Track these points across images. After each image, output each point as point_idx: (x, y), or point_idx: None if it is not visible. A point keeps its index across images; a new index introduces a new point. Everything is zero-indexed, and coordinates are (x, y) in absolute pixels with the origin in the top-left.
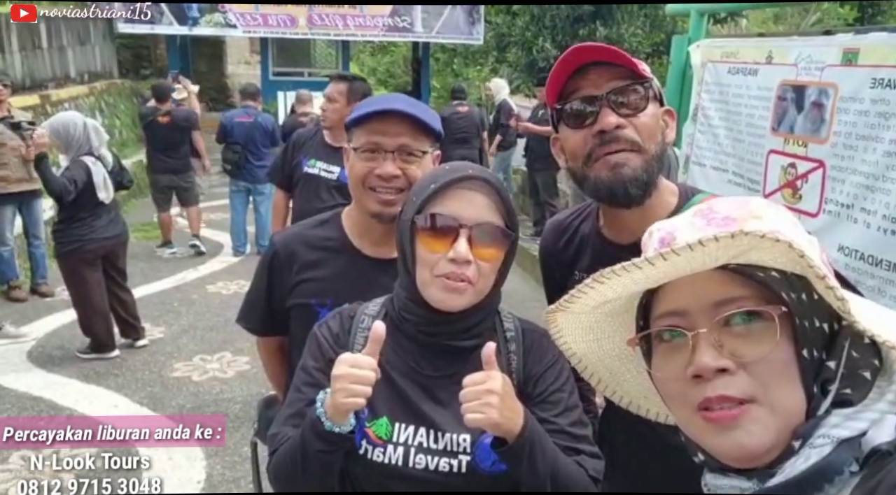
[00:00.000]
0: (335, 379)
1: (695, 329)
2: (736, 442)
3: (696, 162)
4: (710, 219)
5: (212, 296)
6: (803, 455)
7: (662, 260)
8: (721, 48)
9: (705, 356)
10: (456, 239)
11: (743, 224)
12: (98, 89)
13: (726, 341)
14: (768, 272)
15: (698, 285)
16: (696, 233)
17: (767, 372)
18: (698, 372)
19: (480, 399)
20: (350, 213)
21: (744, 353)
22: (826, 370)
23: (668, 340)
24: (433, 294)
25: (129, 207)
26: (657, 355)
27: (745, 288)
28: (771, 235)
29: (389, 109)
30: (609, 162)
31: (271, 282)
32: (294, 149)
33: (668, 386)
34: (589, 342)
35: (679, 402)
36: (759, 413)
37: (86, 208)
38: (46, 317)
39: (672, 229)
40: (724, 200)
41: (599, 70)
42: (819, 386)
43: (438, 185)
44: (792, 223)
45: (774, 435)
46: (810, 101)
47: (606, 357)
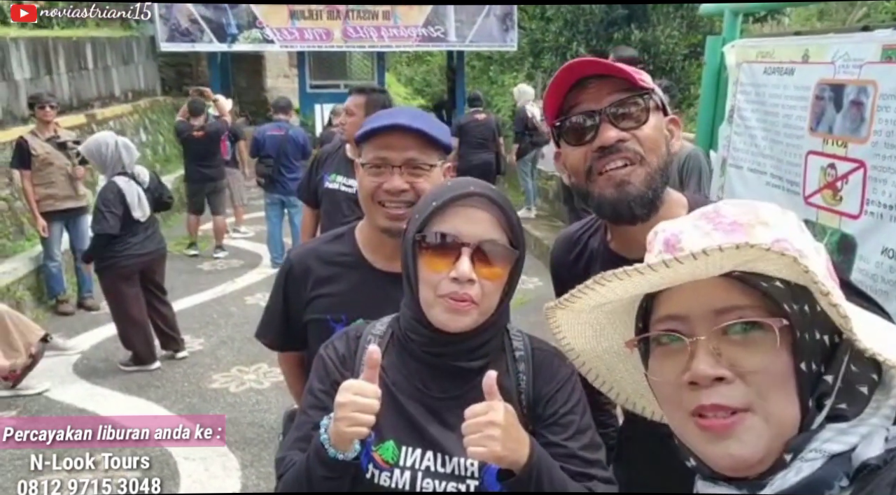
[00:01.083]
0: (338, 407)
1: (694, 335)
2: (727, 451)
3: (732, 164)
4: (716, 224)
5: (250, 307)
6: (794, 468)
7: (665, 267)
8: (756, 48)
9: (703, 364)
10: (458, 258)
11: (749, 230)
12: (142, 107)
13: (725, 349)
14: (772, 282)
15: (700, 291)
16: (701, 237)
17: (764, 383)
18: (695, 380)
19: (482, 431)
20: (363, 228)
21: (742, 363)
22: (823, 384)
23: (666, 344)
24: (437, 315)
25: (173, 221)
26: (654, 358)
27: (747, 297)
28: (777, 248)
29: (395, 124)
30: (612, 179)
31: (287, 298)
32: (318, 165)
33: (663, 389)
34: (588, 338)
35: (673, 406)
36: (753, 423)
37: (122, 227)
38: (92, 329)
39: (677, 231)
40: (731, 204)
41: (598, 84)
42: (815, 400)
43: (440, 203)
44: (799, 230)
45: (767, 446)
46: (849, 99)
47: (605, 353)
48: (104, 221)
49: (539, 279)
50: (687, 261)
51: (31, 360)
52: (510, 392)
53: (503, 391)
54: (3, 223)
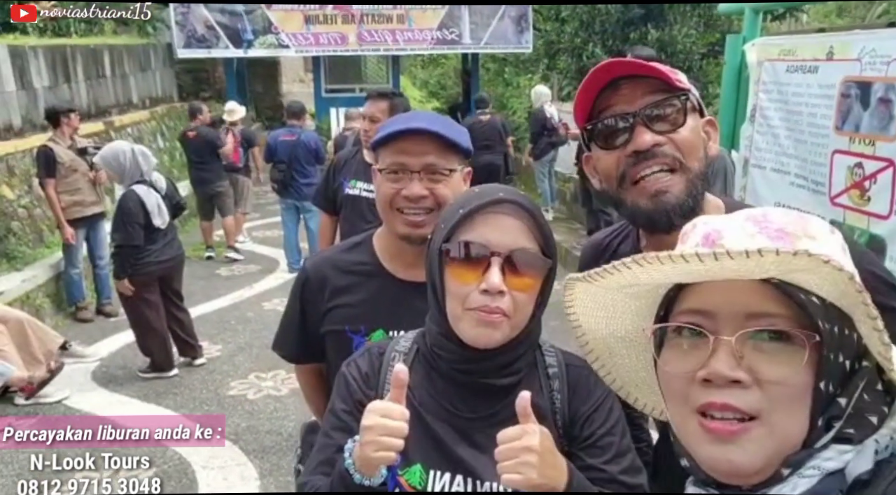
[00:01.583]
0: (365, 431)
1: (718, 333)
2: (727, 456)
3: (755, 165)
4: (762, 227)
5: (267, 313)
6: (790, 483)
7: (713, 259)
8: (778, 46)
9: (722, 364)
10: (488, 268)
11: (795, 240)
12: (159, 113)
13: (748, 354)
14: (809, 296)
15: (734, 291)
16: (746, 238)
17: (780, 396)
18: (710, 378)
19: (517, 457)
20: (381, 236)
21: (763, 372)
22: (835, 406)
23: (686, 337)
24: (466, 330)
25: (190, 226)
26: (669, 348)
27: (782, 306)
28: (835, 263)
29: (413, 128)
30: (648, 189)
31: (304, 309)
32: (335, 172)
33: (672, 382)
34: (598, 318)
35: (679, 401)
36: (759, 433)
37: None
38: (111, 336)
39: (720, 227)
40: (779, 211)
41: (632, 85)
42: (825, 420)
43: (467, 211)
44: (842, 251)
45: (767, 457)
46: (877, 97)
47: (610, 337)
48: (127, 232)
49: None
50: (738, 258)
51: (50, 375)
52: (544, 411)
53: (537, 411)
54: (23, 231)
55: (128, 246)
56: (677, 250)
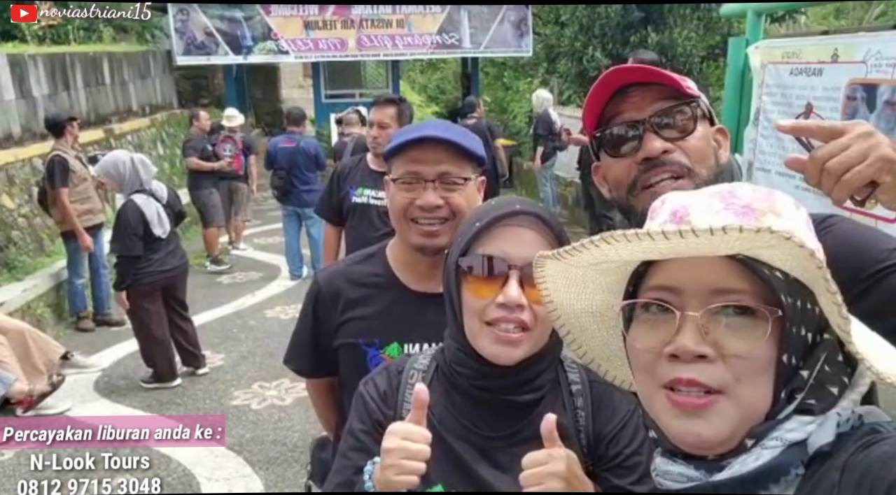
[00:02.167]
0: (386, 454)
1: (684, 309)
2: (694, 429)
3: (759, 168)
4: (729, 203)
5: (270, 321)
6: (754, 453)
7: (679, 237)
8: (781, 48)
9: (688, 339)
10: (506, 282)
11: (760, 216)
12: (159, 120)
13: (712, 329)
14: (773, 271)
15: (700, 267)
16: (712, 214)
17: (744, 369)
18: (676, 353)
19: (543, 484)
20: (394, 247)
21: (727, 345)
22: (798, 378)
23: (654, 313)
24: (485, 346)
25: (191, 234)
26: (638, 324)
27: (746, 281)
28: (796, 239)
29: (427, 136)
30: (659, 194)
31: (316, 323)
32: (339, 180)
33: (640, 356)
34: (570, 294)
35: (646, 375)
36: (725, 406)
37: (143, 244)
38: (113, 346)
39: (687, 203)
40: (746, 187)
41: (641, 92)
42: (787, 392)
43: (483, 224)
44: (807, 227)
45: (733, 429)
46: (883, 99)
47: (582, 312)
48: (126, 243)
49: None
50: (703, 236)
51: (51, 388)
52: (568, 430)
53: (561, 430)
54: (24, 240)
55: (128, 257)
56: (644, 227)
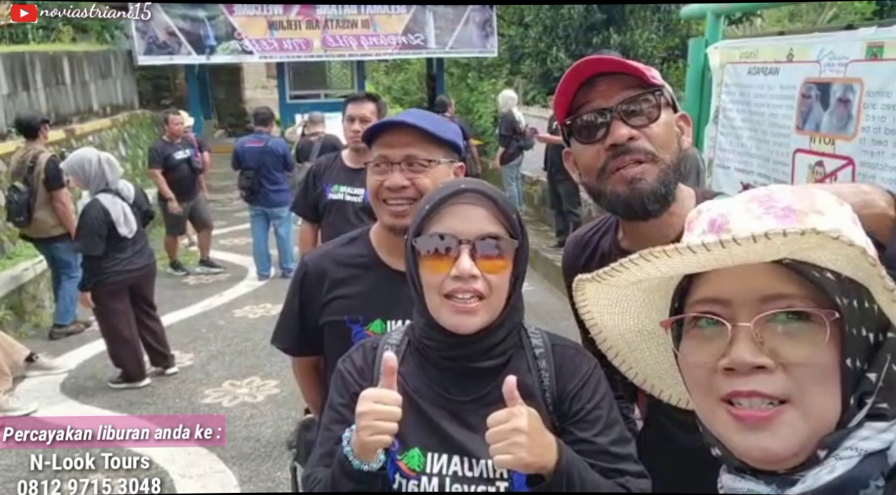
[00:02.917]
0: (359, 417)
1: (735, 320)
2: (761, 444)
3: (719, 165)
4: (767, 207)
5: (238, 320)
6: (828, 466)
7: (721, 247)
8: (739, 49)
9: (744, 351)
10: (458, 256)
11: (803, 217)
12: (120, 121)
13: (768, 338)
14: (824, 273)
15: (747, 275)
16: (752, 220)
17: (807, 376)
18: (733, 366)
19: (507, 439)
20: (377, 230)
21: (786, 354)
22: (866, 382)
23: (703, 327)
24: (446, 318)
25: (155, 234)
26: (688, 339)
27: (797, 286)
28: (844, 238)
29: (395, 121)
30: (625, 177)
31: (303, 302)
32: (315, 178)
33: (694, 373)
34: (613, 315)
35: (703, 391)
36: (792, 417)
37: (109, 243)
38: (78, 348)
39: (725, 212)
40: (784, 188)
41: (608, 81)
42: (857, 398)
43: (433, 204)
44: (853, 222)
45: (802, 441)
46: (836, 97)
47: (628, 332)
48: (88, 243)
49: (528, 284)
50: (746, 244)
51: None
52: (533, 390)
53: (526, 390)
54: None
55: (91, 256)
56: (684, 241)
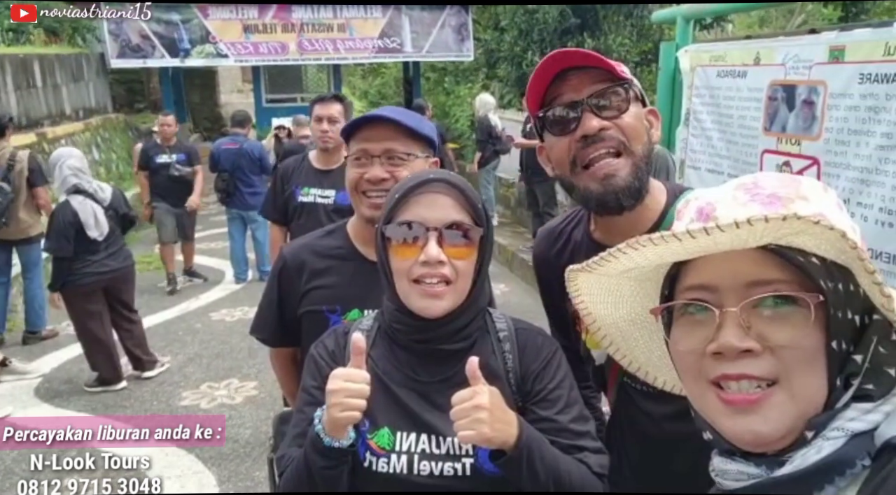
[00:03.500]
0: (330, 395)
1: (723, 306)
2: (750, 427)
3: (691, 165)
4: (754, 195)
5: (216, 323)
6: (816, 446)
7: (705, 234)
8: (709, 52)
9: (731, 335)
10: (426, 243)
11: (788, 203)
12: (93, 125)
13: (755, 323)
14: (808, 257)
15: (733, 262)
16: (738, 208)
17: (793, 359)
18: (721, 350)
19: (470, 416)
20: (354, 222)
21: (772, 337)
22: (852, 363)
23: (692, 313)
24: (414, 302)
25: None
26: (678, 326)
27: (782, 271)
28: (825, 223)
29: (375, 116)
30: (598, 173)
31: (282, 293)
32: (283, 181)
33: (685, 359)
34: (606, 304)
35: (693, 376)
36: (779, 399)
37: (79, 245)
38: (52, 353)
39: (712, 200)
40: (769, 176)
41: (579, 75)
42: (843, 380)
43: (400, 194)
44: (838, 207)
45: (791, 423)
46: (801, 99)
47: (621, 320)
48: (54, 244)
49: (505, 285)
50: (729, 230)
51: None
52: (497, 371)
53: (491, 371)
54: None
55: (59, 258)
56: (672, 229)
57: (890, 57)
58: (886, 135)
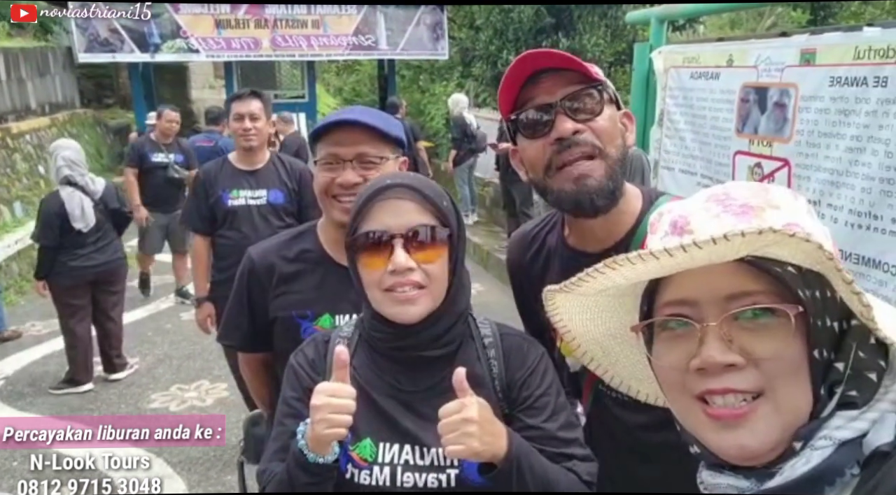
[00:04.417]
0: (314, 410)
1: (703, 320)
2: (737, 441)
3: (664, 166)
4: (725, 206)
5: (186, 324)
6: (804, 456)
7: (682, 252)
8: (682, 54)
9: (713, 350)
10: (392, 250)
11: (760, 213)
12: (60, 120)
13: (736, 336)
14: (785, 267)
15: (712, 275)
16: (710, 219)
17: (777, 370)
18: (704, 366)
19: (458, 429)
20: (324, 226)
21: (755, 350)
22: (834, 371)
23: (673, 328)
24: (387, 309)
25: None
26: (659, 342)
27: (759, 282)
28: (801, 234)
29: (345, 120)
30: (572, 174)
31: (251, 298)
32: (207, 187)
33: (668, 374)
34: (585, 321)
35: (678, 391)
36: (765, 411)
37: (66, 237)
38: (14, 354)
39: (685, 213)
40: (740, 186)
41: (552, 77)
42: (827, 388)
43: (360, 203)
44: (808, 214)
45: (778, 435)
46: (772, 101)
47: (602, 336)
48: (39, 233)
49: (481, 285)
50: (706, 246)
51: None
52: (483, 378)
53: (476, 379)
54: None
55: (45, 247)
56: (647, 246)
57: (859, 60)
58: (856, 137)
